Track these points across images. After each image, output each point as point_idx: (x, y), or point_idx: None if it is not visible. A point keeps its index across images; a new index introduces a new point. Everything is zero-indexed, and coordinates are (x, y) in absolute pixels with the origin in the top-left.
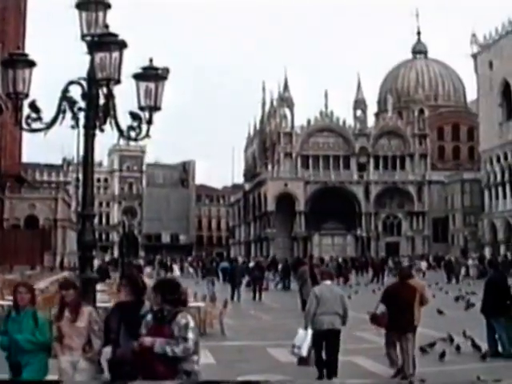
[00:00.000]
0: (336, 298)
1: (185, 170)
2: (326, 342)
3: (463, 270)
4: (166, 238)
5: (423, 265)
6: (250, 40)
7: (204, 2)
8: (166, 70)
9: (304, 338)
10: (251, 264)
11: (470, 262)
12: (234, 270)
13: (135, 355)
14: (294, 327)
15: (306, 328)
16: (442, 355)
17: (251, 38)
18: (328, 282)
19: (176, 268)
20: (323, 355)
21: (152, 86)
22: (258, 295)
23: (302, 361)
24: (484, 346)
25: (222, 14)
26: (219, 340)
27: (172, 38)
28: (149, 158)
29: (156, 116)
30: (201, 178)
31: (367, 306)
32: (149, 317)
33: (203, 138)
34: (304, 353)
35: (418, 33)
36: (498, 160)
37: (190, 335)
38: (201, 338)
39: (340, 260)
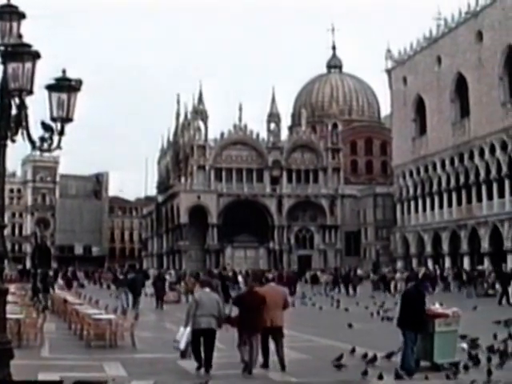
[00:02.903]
0: (213, 302)
1: (98, 182)
2: (204, 339)
3: (392, 284)
4: (78, 250)
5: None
6: (166, 52)
7: (117, 13)
8: (79, 82)
9: (183, 334)
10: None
11: (397, 275)
12: (135, 281)
13: None
14: None
15: (185, 326)
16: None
17: (166, 50)
18: (207, 290)
19: None
20: (201, 350)
21: (64, 97)
22: (160, 305)
23: (182, 354)
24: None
25: (135, 26)
26: (130, 352)
27: (86, 50)
28: (62, 169)
29: (69, 127)
30: (114, 189)
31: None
32: None
33: (117, 150)
34: (182, 346)
35: (334, 47)
36: (411, 174)
37: None
38: (112, 351)
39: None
